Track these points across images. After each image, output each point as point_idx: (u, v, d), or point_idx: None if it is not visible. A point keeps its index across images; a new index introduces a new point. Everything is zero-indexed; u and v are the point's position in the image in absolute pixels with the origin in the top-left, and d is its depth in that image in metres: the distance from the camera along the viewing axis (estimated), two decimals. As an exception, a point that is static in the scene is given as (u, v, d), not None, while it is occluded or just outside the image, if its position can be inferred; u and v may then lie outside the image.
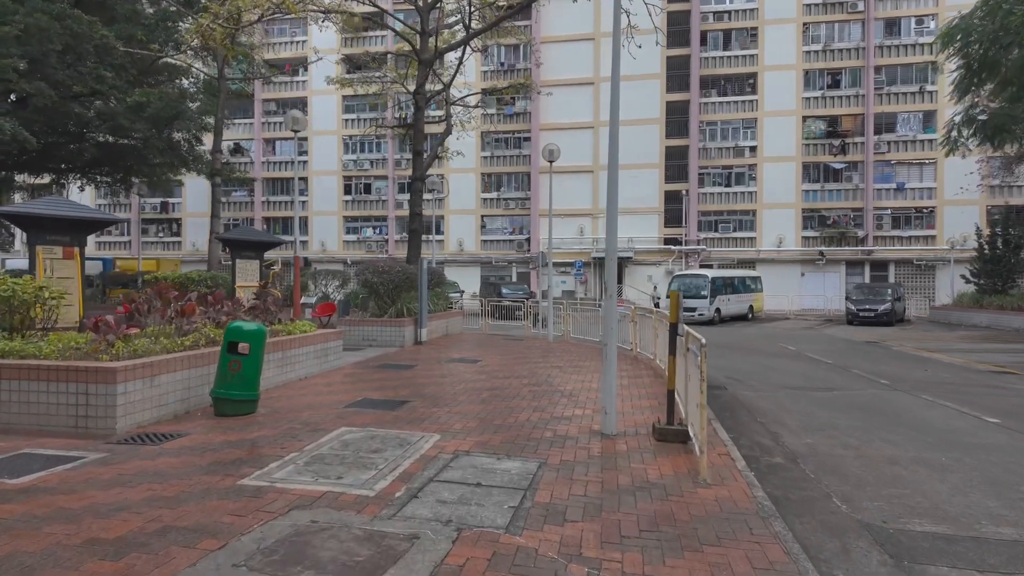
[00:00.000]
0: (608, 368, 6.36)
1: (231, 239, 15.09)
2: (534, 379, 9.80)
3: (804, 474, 5.66)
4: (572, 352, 13.92)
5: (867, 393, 9.97)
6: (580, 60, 38.43)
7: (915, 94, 35.26)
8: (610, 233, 6.40)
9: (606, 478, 4.90)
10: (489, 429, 6.38)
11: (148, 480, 4.53)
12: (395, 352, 12.98)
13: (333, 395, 8.07)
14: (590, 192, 38.65)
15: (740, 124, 37.34)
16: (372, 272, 14.03)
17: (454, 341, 15.87)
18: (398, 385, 8.96)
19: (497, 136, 40.01)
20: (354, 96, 39.51)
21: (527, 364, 11.59)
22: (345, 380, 9.34)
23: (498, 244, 40.32)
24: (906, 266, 35.43)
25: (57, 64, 18.34)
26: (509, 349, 14.27)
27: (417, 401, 7.78)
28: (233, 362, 6.69)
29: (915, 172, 35.47)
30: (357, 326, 13.87)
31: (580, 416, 7.13)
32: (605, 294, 6.38)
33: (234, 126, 42.61)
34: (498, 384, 9.23)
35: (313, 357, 9.68)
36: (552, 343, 16.12)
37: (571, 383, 9.50)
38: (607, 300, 6.39)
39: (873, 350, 17.46)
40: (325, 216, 41.59)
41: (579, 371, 10.82)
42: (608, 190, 6.50)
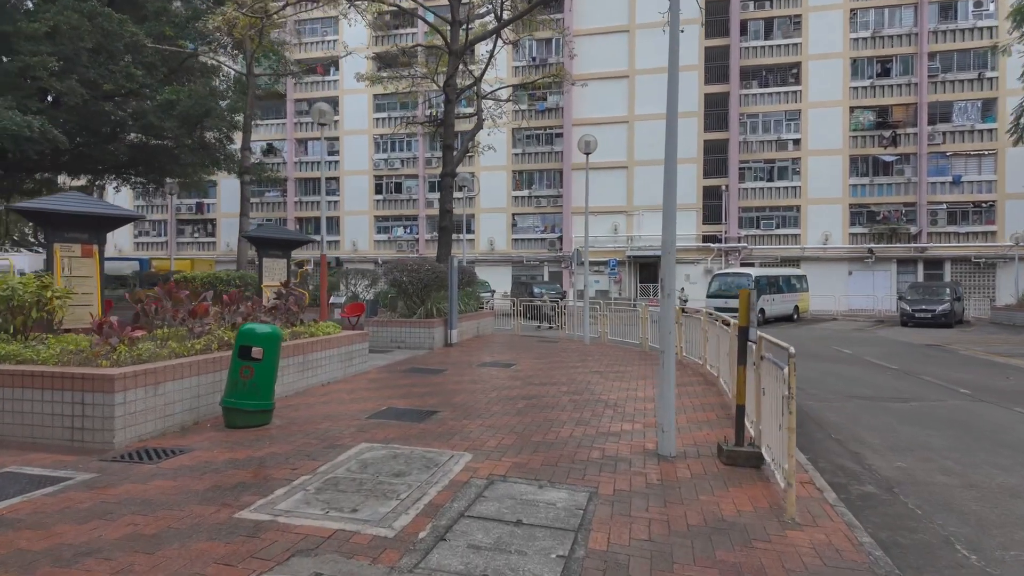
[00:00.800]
0: (665, 379, 5.50)
1: (257, 237, 14.65)
2: (573, 386, 8.97)
3: (908, 509, 4.72)
4: (611, 356, 13.04)
5: (949, 405, 8.85)
6: (614, 53, 37.37)
7: (973, 81, 33.14)
8: (667, 224, 5.55)
9: (672, 515, 4.06)
10: (528, 447, 5.59)
11: (133, 510, 3.88)
12: (424, 355, 12.30)
13: (356, 403, 7.40)
14: (624, 189, 37.53)
15: (783, 116, 35.73)
16: (401, 271, 13.40)
17: (485, 343, 15.14)
18: (426, 392, 8.24)
19: (528, 132, 39.21)
20: (385, 95, 39.23)
21: (564, 369, 10.77)
22: (370, 386, 8.67)
23: (529, 243, 39.52)
24: (963, 264, 33.35)
25: (89, 63, 18.25)
26: (543, 352, 13.47)
27: (446, 411, 7.04)
28: (245, 368, 6.05)
29: (973, 164, 33.35)
30: (385, 327, 13.25)
31: (630, 432, 6.28)
32: (661, 293, 5.53)
33: (266, 126, 42.82)
34: (535, 392, 8.43)
35: (337, 361, 9.05)
36: (589, 345, 15.26)
37: (614, 391, 8.65)
38: (664, 301, 5.53)
39: (937, 354, 16.09)
40: (356, 216, 41.42)
41: (621, 377, 9.95)
42: (665, 179, 5.64)
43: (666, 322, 5.51)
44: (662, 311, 5.56)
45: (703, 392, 8.68)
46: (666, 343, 5.51)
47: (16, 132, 14.74)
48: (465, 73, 25.41)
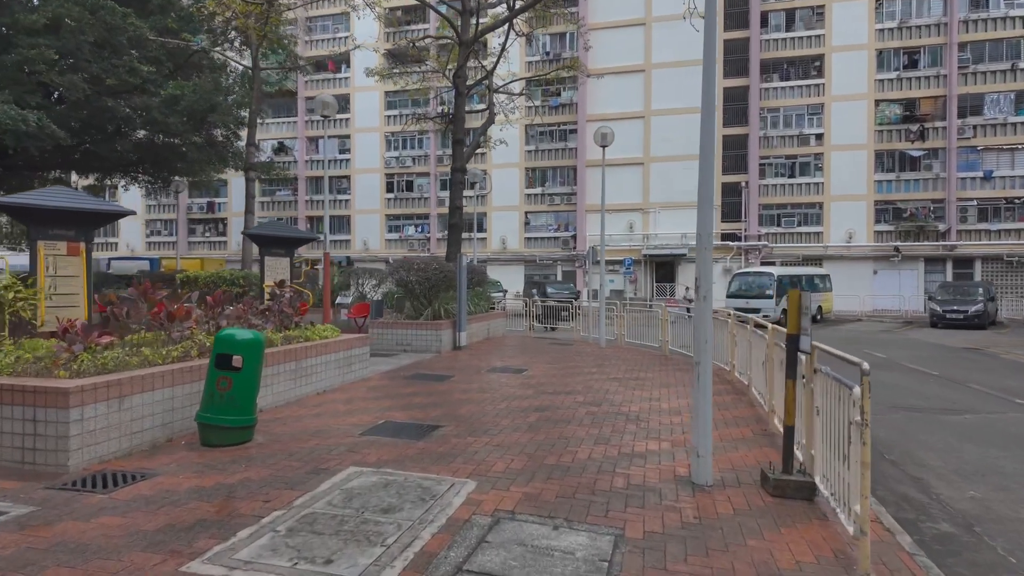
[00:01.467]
0: (701, 395, 4.74)
1: (259, 235, 14.05)
2: (590, 395, 8.22)
3: (999, 556, 3.92)
4: (628, 360, 12.27)
5: (1010, 418, 7.98)
6: (630, 46, 36.46)
7: (1006, 72, 31.79)
8: (703, 212, 4.79)
9: (717, 568, 3.30)
10: (540, 472, 4.85)
11: (60, 560, 3.20)
12: (430, 359, 11.61)
13: (351, 416, 6.71)
14: (640, 186, 36.62)
15: (805, 110, 34.61)
16: (407, 270, 12.73)
17: (496, 345, 14.43)
18: (429, 403, 7.54)
19: (542, 129, 38.42)
20: (396, 92, 38.69)
21: (580, 376, 10.02)
22: (368, 395, 7.98)
23: (542, 242, 38.75)
24: (995, 263, 32.02)
25: (91, 57, 17.81)
26: (557, 356, 12.72)
27: (450, 426, 6.33)
28: (222, 379, 5.38)
29: (1005, 159, 32.00)
30: (390, 329, 12.58)
31: (657, 453, 5.52)
32: (696, 294, 4.76)
33: (277, 125, 42.48)
34: (548, 402, 7.70)
35: (334, 367, 8.38)
36: (605, 348, 14.49)
37: (635, 402, 7.88)
38: (699, 305, 4.77)
39: (978, 358, 15.11)
40: (367, 214, 40.92)
41: (642, 385, 9.18)
42: (700, 167, 4.89)
43: (702, 329, 4.74)
44: (697, 315, 4.80)
45: (733, 403, 7.88)
46: (702, 353, 4.74)
47: (11, 127, 14.28)
48: (477, 68, 24.75)
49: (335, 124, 41.63)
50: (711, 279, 4.79)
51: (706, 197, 4.81)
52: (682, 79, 35.22)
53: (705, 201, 4.81)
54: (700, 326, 4.76)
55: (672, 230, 35.97)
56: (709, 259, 4.76)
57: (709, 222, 4.79)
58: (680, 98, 35.31)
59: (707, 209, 4.79)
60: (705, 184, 4.83)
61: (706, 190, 4.82)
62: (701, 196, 4.82)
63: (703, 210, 4.79)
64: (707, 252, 4.76)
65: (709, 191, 4.83)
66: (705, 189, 4.83)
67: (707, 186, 4.83)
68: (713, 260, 28.21)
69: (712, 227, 4.82)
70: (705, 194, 4.82)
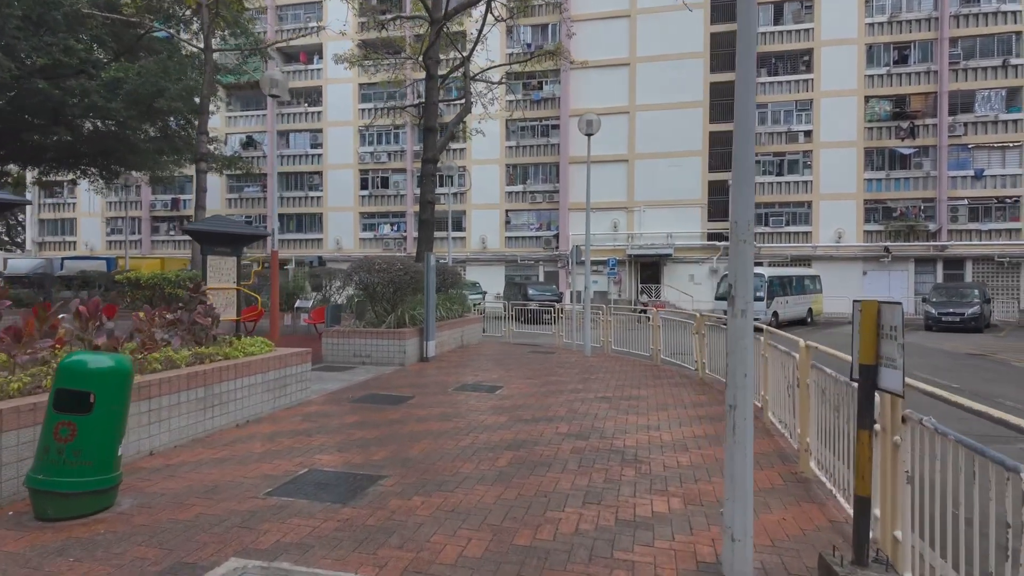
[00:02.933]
0: (740, 455, 3.30)
1: (199, 231, 12.36)
2: (576, 423, 6.77)
3: None
4: (617, 372, 10.87)
5: (1074, 449, 6.69)
6: (614, 39, 35.20)
7: (997, 69, 31.11)
8: (742, 196, 3.36)
9: None
10: (508, 563, 3.38)
11: None
12: (391, 374, 10.08)
13: (266, 461, 5.18)
14: (625, 183, 35.38)
15: (793, 106, 33.64)
16: (368, 270, 11.18)
17: (470, 355, 12.94)
18: (375, 438, 6.03)
19: (523, 124, 37.00)
20: (371, 84, 37.09)
21: (563, 394, 8.57)
22: (301, 427, 6.44)
23: (524, 241, 37.33)
24: (986, 263, 31.31)
25: (18, 33, 15.95)
26: (538, 368, 11.27)
27: (394, 476, 4.84)
28: (62, 425, 3.83)
29: (996, 157, 31.32)
30: (347, 339, 11.02)
31: (667, 519, 4.08)
32: (731, 308, 3.33)
33: (246, 118, 40.53)
34: (524, 435, 6.23)
35: (262, 391, 6.83)
36: (590, 358, 13.09)
37: (630, 431, 6.46)
38: (735, 322, 3.33)
39: (991, 367, 14.02)
40: (340, 212, 39.13)
41: (636, 408, 7.76)
42: (737, 135, 3.44)
43: (740, 357, 3.30)
44: (732, 336, 3.35)
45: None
46: (740, 393, 3.30)
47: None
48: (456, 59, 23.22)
49: (306, 118, 39.81)
50: (751, 284, 3.36)
51: (745, 172, 3.39)
52: (668, 73, 34.10)
53: (743, 178, 3.38)
54: (737, 353, 3.31)
55: (658, 229, 34.80)
56: (749, 256, 3.33)
57: (749, 206, 3.36)
58: (666, 93, 34.18)
59: (746, 189, 3.37)
60: (744, 157, 3.41)
61: (745, 164, 3.40)
62: (739, 171, 3.40)
63: (742, 190, 3.36)
64: (745, 247, 3.33)
65: (749, 163, 3.40)
66: (744, 163, 3.40)
67: (746, 159, 3.41)
68: (700, 261, 26.93)
69: (752, 212, 3.39)
70: (744, 169, 3.39)
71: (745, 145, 3.39)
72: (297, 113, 39.96)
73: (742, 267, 3.33)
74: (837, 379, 4.40)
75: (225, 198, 40.82)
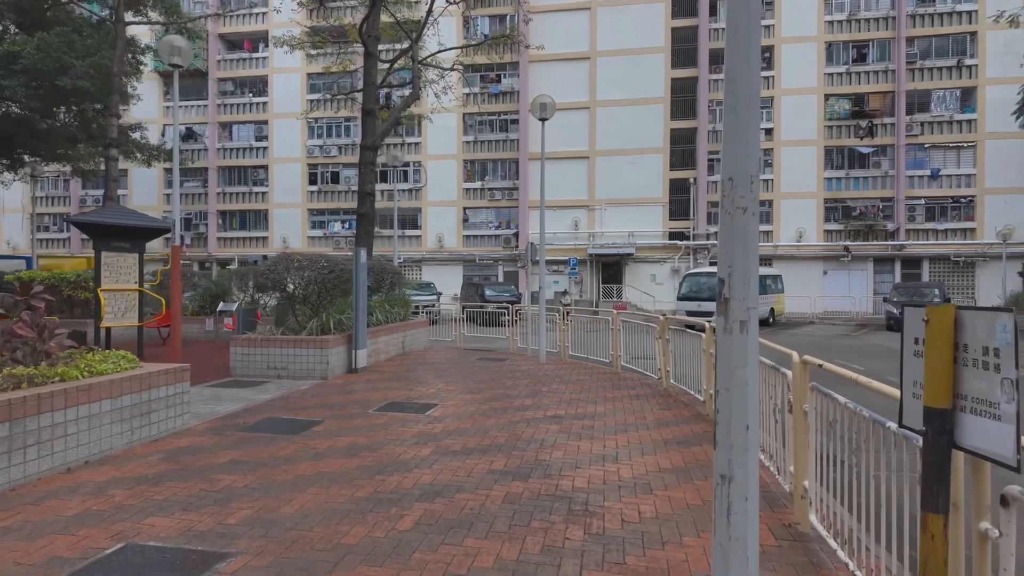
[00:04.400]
0: (735, 559, 2.02)
1: (88, 223, 10.62)
2: (516, 455, 5.46)
3: None
4: (573, 382, 9.63)
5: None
6: (574, 32, 34.17)
7: (952, 69, 31.27)
8: (737, 141, 2.08)
9: None
10: None
11: None
12: (307, 391, 8.58)
13: (67, 532, 3.70)
14: (586, 181, 34.37)
15: (754, 104, 33.17)
16: (285, 268, 9.64)
17: (410, 365, 11.51)
18: (244, 489, 4.58)
19: (481, 118, 35.62)
20: (319, 74, 35.20)
21: (506, 414, 7.26)
22: (150, 473, 4.95)
23: (483, 240, 35.96)
24: (942, 263, 31.44)
25: None
26: (484, 378, 9.94)
27: (244, 556, 3.42)
28: None
29: (952, 157, 31.48)
30: (259, 348, 9.45)
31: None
32: (720, 320, 2.06)
33: (185, 109, 37.99)
34: (448, 476, 4.88)
35: (111, 422, 5.29)
36: (545, 365, 11.84)
37: (582, 464, 5.19)
38: (727, 338, 2.05)
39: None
40: (287, 208, 36.99)
41: (590, 428, 6.51)
42: (729, 60, 2.16)
43: (739, 400, 2.02)
44: (724, 365, 2.07)
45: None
46: (739, 458, 2.02)
47: None
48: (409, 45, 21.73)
49: (251, 109, 37.55)
50: (755, 277, 2.08)
51: (745, 100, 2.11)
52: (629, 68, 33.26)
53: (743, 111, 2.11)
54: (735, 391, 2.03)
55: (619, 228, 33.91)
56: (751, 233, 2.06)
57: (751, 155, 2.09)
58: (627, 88, 33.33)
59: (746, 131, 2.10)
60: (743, 77, 2.13)
61: (744, 88, 2.12)
62: (735, 97, 2.13)
63: (739, 132, 2.09)
64: (746, 218, 2.06)
65: (750, 87, 2.13)
66: (743, 86, 2.13)
67: (746, 79, 2.13)
68: (661, 260, 25.93)
69: (757, 164, 2.12)
70: (743, 95, 2.12)
71: (744, 54, 2.12)
72: (241, 104, 37.66)
73: (740, 251, 2.05)
74: (857, 413, 3.20)
75: (163, 193, 38.19)
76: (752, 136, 2.04)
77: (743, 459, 2.00)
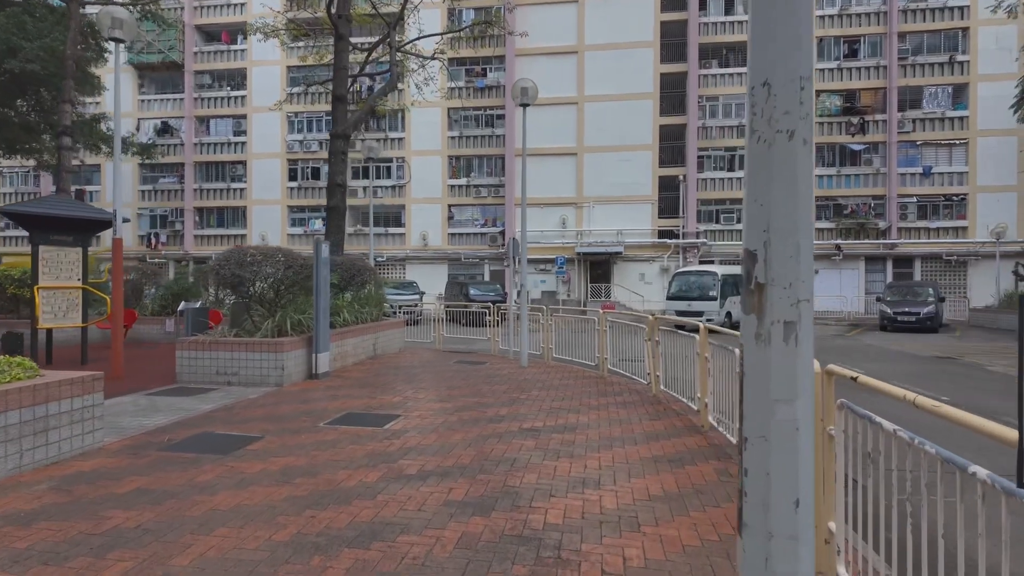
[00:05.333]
0: None
1: (24, 214, 9.66)
2: (481, 480, 4.63)
3: None
4: (555, 387, 8.81)
5: None
6: (562, 26, 33.39)
7: (944, 65, 30.84)
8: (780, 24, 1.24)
9: None
10: None
11: None
12: (256, 399, 7.69)
13: None
14: (573, 178, 33.60)
15: (744, 99, 32.57)
16: (238, 264, 8.73)
17: (379, 369, 10.64)
18: (133, 532, 3.71)
19: (466, 113, 34.75)
20: (300, 67, 34.11)
21: (476, 426, 6.42)
22: (26, 510, 4.05)
23: (468, 238, 35.08)
24: (934, 262, 31.00)
25: None
26: (459, 384, 9.10)
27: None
28: None
29: (944, 154, 31.06)
30: (208, 351, 8.54)
31: None
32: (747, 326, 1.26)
33: (161, 102, 36.81)
34: (394, 509, 4.03)
35: (-9, 443, 4.39)
36: (526, 368, 11.02)
37: (558, 492, 4.37)
38: (761, 353, 1.22)
39: (967, 372, 12.69)
40: (266, 205, 35.89)
41: (570, 444, 5.69)
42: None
43: (784, 456, 1.19)
44: (754, 394, 1.24)
45: (723, 485, 4.50)
46: (783, 556, 1.19)
47: None
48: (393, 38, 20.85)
49: (229, 102, 36.41)
50: (809, 251, 1.25)
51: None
52: (618, 63, 32.54)
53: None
54: (778, 439, 1.20)
55: (607, 226, 33.17)
56: (805, 173, 1.23)
57: (802, 49, 1.26)
58: (616, 83, 32.59)
59: (798, 29, 1.27)
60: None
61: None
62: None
63: (781, 24, 1.25)
64: (794, 146, 1.22)
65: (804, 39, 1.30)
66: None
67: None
68: (650, 259, 25.11)
69: (811, 61, 1.29)
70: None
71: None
72: (219, 97, 36.51)
73: (785, 202, 1.22)
74: (915, 446, 2.39)
75: (138, 189, 36.95)
76: (802, 10, 1.22)
77: (790, 556, 1.18)
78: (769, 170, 1.23)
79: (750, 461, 1.23)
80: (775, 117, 1.23)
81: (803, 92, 1.23)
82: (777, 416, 1.20)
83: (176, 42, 35.48)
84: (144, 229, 37.00)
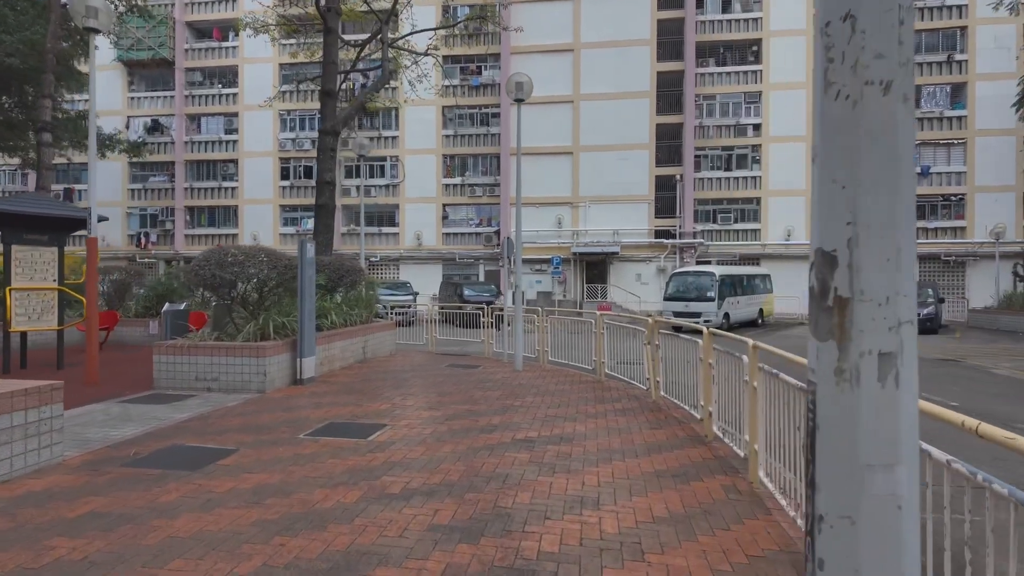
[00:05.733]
0: None
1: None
2: (470, 499, 4.25)
3: None
4: (550, 393, 8.45)
5: None
6: (558, 24, 33.01)
7: (942, 64, 30.62)
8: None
9: None
10: None
11: None
12: (235, 407, 7.29)
13: None
14: (569, 177, 33.23)
15: (742, 98, 32.30)
16: (219, 265, 8.32)
17: (368, 374, 10.26)
18: (77, 565, 3.32)
19: (461, 112, 34.34)
20: (292, 64, 33.63)
21: (467, 437, 6.05)
22: (-24, 531, 3.66)
23: (463, 238, 34.67)
24: (932, 262, 30.78)
25: None
26: (451, 390, 8.73)
27: None
28: None
29: (942, 154, 30.84)
30: (186, 356, 8.14)
31: None
32: (819, 356, 0.91)
33: (151, 100, 36.26)
34: (371, 536, 3.65)
35: (-70, 462, 3.98)
36: (521, 372, 10.65)
37: (553, 513, 4.00)
38: (845, 395, 0.85)
39: (974, 375, 12.41)
40: (258, 204, 35.38)
41: (567, 457, 5.31)
42: None
43: (879, 568, 0.82)
44: (829, 457, 0.87)
45: (737, 514, 4.13)
46: None
47: None
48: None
49: (220, 100, 35.89)
50: (908, 260, 0.89)
51: None
52: (612, 60, 32.17)
53: None
54: (864, 525, 0.83)
55: (604, 226, 32.82)
56: (905, 136, 0.86)
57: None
58: (612, 82, 32.25)
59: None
60: None
61: None
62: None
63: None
64: (899, 105, 0.85)
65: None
66: None
67: None
68: (647, 259, 24.70)
69: (911, 9, 0.93)
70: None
71: None
72: (210, 95, 35.99)
73: (877, 181, 0.85)
74: (982, 484, 2.03)
75: (128, 188, 36.40)
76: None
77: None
78: (855, 136, 0.86)
79: (828, 550, 0.86)
80: (862, 62, 0.87)
81: (903, 28, 0.87)
82: (869, 487, 0.83)
83: (166, 38, 34.95)
84: (134, 228, 36.45)
